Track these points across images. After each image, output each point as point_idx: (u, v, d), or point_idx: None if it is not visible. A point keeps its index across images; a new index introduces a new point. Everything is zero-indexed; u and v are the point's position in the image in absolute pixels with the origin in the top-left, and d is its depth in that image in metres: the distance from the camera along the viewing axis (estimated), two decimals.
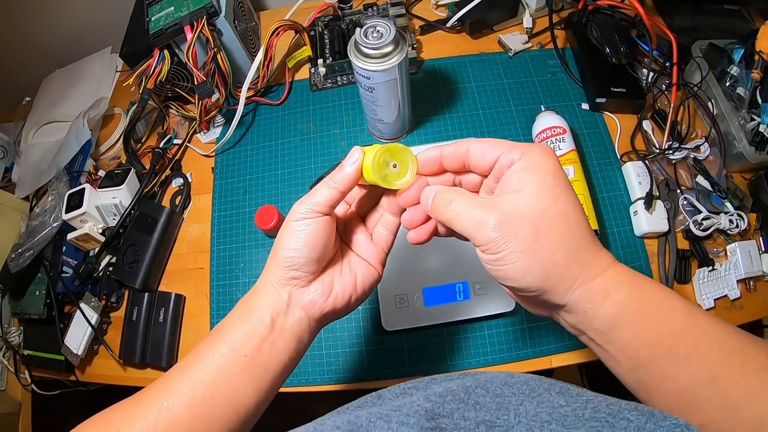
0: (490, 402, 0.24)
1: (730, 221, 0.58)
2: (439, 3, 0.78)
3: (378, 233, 0.37)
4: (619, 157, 0.65)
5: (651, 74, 0.67)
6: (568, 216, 0.28)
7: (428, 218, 0.34)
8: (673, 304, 0.28)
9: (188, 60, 0.60)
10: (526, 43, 0.74)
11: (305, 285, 0.34)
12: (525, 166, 0.28)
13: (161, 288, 0.66)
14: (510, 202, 0.28)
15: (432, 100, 0.71)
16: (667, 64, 0.67)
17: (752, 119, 0.61)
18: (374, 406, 0.27)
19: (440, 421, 0.23)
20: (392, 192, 0.35)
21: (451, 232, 0.33)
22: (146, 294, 0.65)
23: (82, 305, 0.65)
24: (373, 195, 0.37)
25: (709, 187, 0.61)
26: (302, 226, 0.32)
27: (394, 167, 0.33)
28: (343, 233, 0.38)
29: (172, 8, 0.64)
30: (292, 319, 0.33)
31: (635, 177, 0.61)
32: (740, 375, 0.26)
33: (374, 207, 0.38)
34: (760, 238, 0.60)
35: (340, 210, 0.37)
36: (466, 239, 0.31)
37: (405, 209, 0.35)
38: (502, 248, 0.27)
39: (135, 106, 0.73)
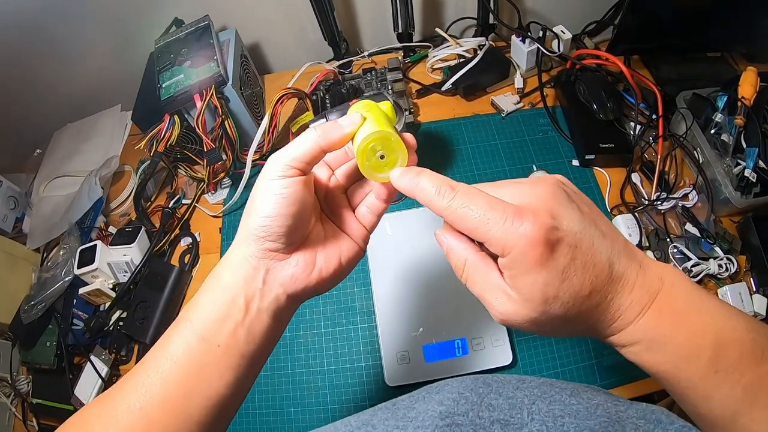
0: (503, 403, 0.25)
1: (720, 266, 0.60)
2: (434, 67, 0.82)
3: (362, 213, 0.35)
4: (609, 210, 0.68)
5: (638, 127, 0.69)
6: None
7: None
8: (694, 331, 0.25)
9: (198, 127, 0.63)
10: (518, 103, 0.77)
11: (284, 258, 0.30)
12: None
13: None
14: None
15: (428, 162, 0.74)
16: (654, 117, 0.69)
17: (737, 164, 0.63)
18: (390, 415, 0.27)
19: (455, 418, 0.24)
20: None
21: None
22: None
23: (93, 358, 0.67)
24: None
25: (698, 234, 0.63)
26: (278, 188, 0.29)
27: (382, 158, 0.30)
28: (324, 204, 0.35)
29: (182, 76, 0.68)
30: (269, 298, 0.30)
31: (625, 230, 0.64)
32: (764, 410, 0.24)
33: (362, 180, 0.35)
34: (751, 279, 0.61)
35: (325, 176, 0.34)
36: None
37: (392, 196, 0.33)
38: None
39: (145, 166, 0.75)
